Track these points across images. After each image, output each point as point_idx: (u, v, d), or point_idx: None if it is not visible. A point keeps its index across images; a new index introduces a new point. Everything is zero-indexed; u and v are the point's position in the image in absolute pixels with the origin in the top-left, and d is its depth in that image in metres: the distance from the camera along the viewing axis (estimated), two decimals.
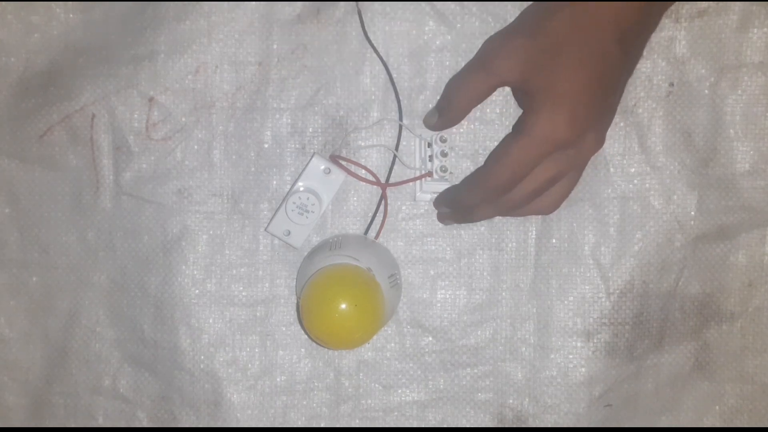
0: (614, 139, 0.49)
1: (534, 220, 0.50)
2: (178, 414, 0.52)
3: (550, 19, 0.40)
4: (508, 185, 0.43)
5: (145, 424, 0.52)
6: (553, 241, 0.50)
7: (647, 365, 0.51)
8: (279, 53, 0.49)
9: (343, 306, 0.43)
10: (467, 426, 0.52)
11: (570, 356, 0.50)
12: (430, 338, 0.51)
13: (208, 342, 0.51)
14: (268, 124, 0.50)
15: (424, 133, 0.49)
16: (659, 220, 0.50)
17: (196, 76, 0.49)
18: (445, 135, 0.48)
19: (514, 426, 0.51)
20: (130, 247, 0.51)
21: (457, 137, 0.49)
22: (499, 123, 0.49)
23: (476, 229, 0.50)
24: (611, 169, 0.49)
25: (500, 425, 0.51)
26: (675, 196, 0.49)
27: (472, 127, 0.49)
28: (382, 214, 0.50)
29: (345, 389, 0.51)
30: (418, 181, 0.49)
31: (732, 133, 0.49)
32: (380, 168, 0.50)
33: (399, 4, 0.48)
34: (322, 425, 0.52)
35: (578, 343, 0.50)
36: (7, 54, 0.50)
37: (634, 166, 0.49)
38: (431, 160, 0.49)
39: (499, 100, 0.49)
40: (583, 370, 0.50)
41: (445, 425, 0.52)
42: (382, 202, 0.50)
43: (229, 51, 0.49)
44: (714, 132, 0.49)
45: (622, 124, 0.49)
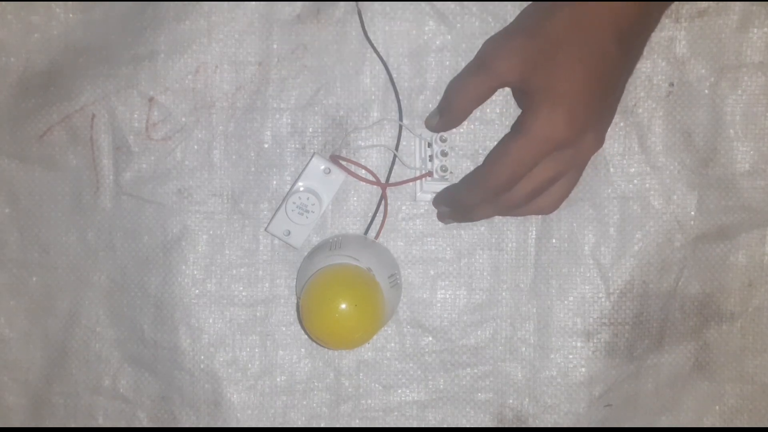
0: (614, 139, 0.49)
1: (534, 220, 0.50)
2: (178, 414, 0.52)
3: (549, 18, 0.40)
4: (507, 185, 0.43)
5: (145, 424, 0.52)
6: (553, 241, 0.50)
7: (647, 365, 0.51)
8: (279, 53, 0.49)
9: (343, 306, 0.43)
10: (467, 426, 0.52)
11: (570, 356, 0.50)
12: (430, 338, 0.51)
13: (208, 342, 0.51)
14: (268, 124, 0.50)
15: (424, 133, 0.49)
16: (659, 220, 0.50)
17: (196, 76, 0.49)
18: (445, 135, 0.48)
19: (514, 426, 0.51)
20: (130, 247, 0.51)
21: (457, 137, 0.49)
22: (499, 123, 0.49)
23: (476, 229, 0.50)
24: (611, 169, 0.49)
25: (500, 425, 0.51)
26: (675, 196, 0.49)
27: (472, 127, 0.49)
28: (382, 214, 0.50)
29: (345, 389, 0.51)
30: (419, 181, 0.49)
31: (732, 133, 0.49)
32: (380, 168, 0.50)
33: (399, 4, 0.48)
34: (322, 425, 0.52)
35: (578, 343, 0.50)
36: (7, 54, 0.50)
37: (634, 166, 0.49)
38: (431, 160, 0.49)
39: (499, 100, 0.49)
40: (583, 370, 0.50)
41: (445, 425, 0.52)
42: (382, 202, 0.50)
43: (229, 51, 0.49)
44: (714, 132, 0.49)
45: (622, 124, 0.49)
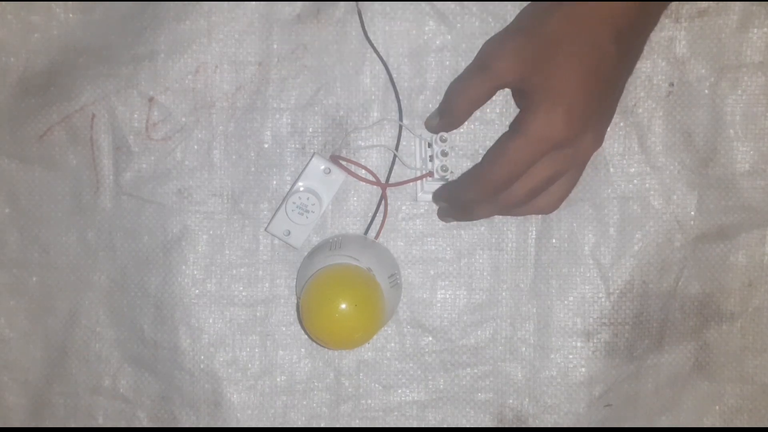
0: (614, 139, 0.49)
1: (534, 220, 0.50)
2: (178, 414, 0.52)
3: (547, 18, 0.41)
4: (505, 184, 0.43)
5: (145, 424, 0.52)
6: (553, 241, 0.50)
7: (647, 365, 0.51)
8: (279, 53, 0.49)
9: (343, 306, 0.43)
10: (467, 426, 0.52)
11: (570, 356, 0.50)
12: (430, 338, 0.51)
13: (208, 342, 0.51)
14: (268, 124, 0.50)
15: (424, 133, 0.49)
16: (659, 220, 0.50)
17: (196, 76, 0.49)
18: (445, 135, 0.48)
19: (514, 426, 0.51)
20: (130, 247, 0.51)
21: (457, 137, 0.49)
22: (499, 123, 0.49)
23: (476, 229, 0.50)
24: (611, 169, 0.49)
25: (500, 425, 0.51)
26: (675, 196, 0.49)
27: (472, 127, 0.49)
28: (382, 214, 0.50)
29: (345, 389, 0.51)
30: (419, 181, 0.49)
31: (732, 133, 0.49)
32: (380, 168, 0.50)
33: (399, 4, 0.48)
34: (322, 425, 0.52)
35: (578, 343, 0.50)
36: (7, 54, 0.50)
37: (634, 166, 0.49)
38: (432, 160, 0.49)
39: (499, 100, 0.49)
40: (583, 370, 0.50)
41: (445, 425, 0.52)
42: (382, 202, 0.50)
43: (229, 51, 0.49)
44: (714, 132, 0.49)
45: (622, 124, 0.49)
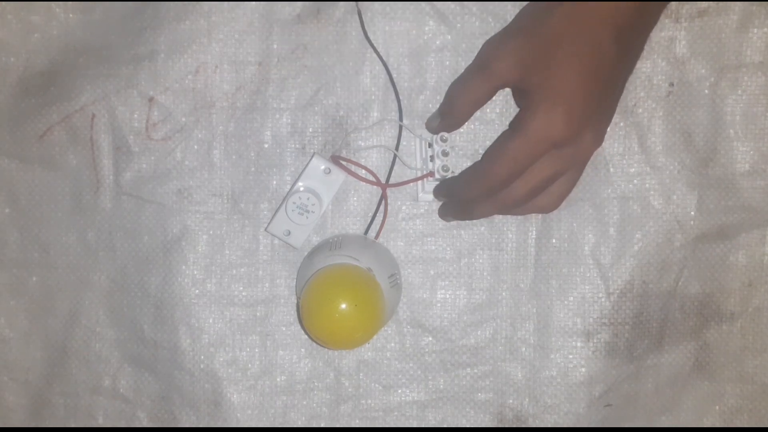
0: (614, 139, 0.49)
1: (534, 220, 0.50)
2: (178, 414, 0.52)
3: (547, 17, 0.41)
4: (505, 182, 0.43)
5: (145, 424, 0.52)
6: (553, 241, 0.50)
7: (647, 365, 0.51)
8: (279, 53, 0.49)
9: (343, 306, 0.43)
10: (467, 426, 0.52)
11: (570, 356, 0.50)
12: (430, 338, 0.51)
13: (208, 342, 0.51)
14: (268, 124, 0.50)
15: (425, 134, 0.49)
16: (659, 220, 0.50)
17: (196, 76, 0.49)
18: (446, 135, 0.48)
19: (514, 426, 0.51)
20: (130, 247, 0.51)
21: (458, 137, 0.49)
22: (499, 123, 0.49)
23: (476, 229, 0.50)
24: (611, 169, 0.49)
25: (500, 425, 0.51)
26: (675, 196, 0.49)
27: (473, 127, 0.49)
28: (382, 214, 0.50)
29: (345, 389, 0.51)
30: (420, 182, 0.49)
31: (732, 133, 0.49)
32: (380, 168, 0.50)
33: (399, 4, 0.48)
34: (322, 425, 0.52)
35: (578, 343, 0.50)
36: (7, 54, 0.50)
37: (634, 166, 0.49)
38: (432, 160, 0.48)
39: (499, 100, 0.49)
40: (583, 370, 0.50)
41: (445, 425, 0.52)
42: (382, 202, 0.50)
43: (229, 51, 0.49)
44: (714, 132, 0.49)
45: (622, 124, 0.49)
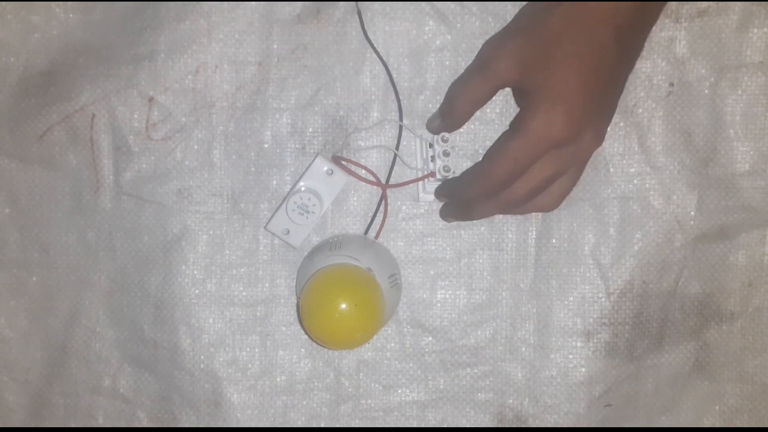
0: (614, 139, 0.49)
1: (534, 220, 0.50)
2: (178, 414, 0.52)
3: (546, 17, 0.41)
4: (506, 183, 0.43)
5: (145, 424, 0.52)
6: (553, 241, 0.50)
7: (647, 365, 0.51)
8: (279, 53, 0.49)
9: (343, 306, 0.43)
10: (467, 426, 0.52)
11: (570, 356, 0.50)
12: (430, 338, 0.51)
13: (208, 342, 0.51)
14: (268, 124, 0.50)
15: (425, 134, 0.49)
16: (659, 220, 0.50)
17: (196, 76, 0.49)
18: (446, 135, 0.48)
19: (514, 426, 0.51)
20: (130, 247, 0.51)
21: (458, 137, 0.49)
22: (499, 123, 0.49)
23: (476, 229, 0.50)
24: (611, 169, 0.49)
25: (500, 425, 0.51)
26: (675, 196, 0.49)
27: (473, 127, 0.49)
28: (382, 214, 0.50)
29: (345, 389, 0.51)
30: (421, 182, 0.49)
31: (732, 133, 0.49)
32: (381, 168, 0.50)
33: (399, 4, 0.48)
34: (322, 425, 0.52)
35: (578, 343, 0.50)
36: (7, 54, 0.50)
37: (634, 166, 0.49)
38: (433, 161, 0.48)
39: (499, 100, 0.49)
40: (583, 370, 0.50)
41: (445, 425, 0.52)
42: (383, 202, 0.50)
43: (229, 51, 0.49)
44: (714, 132, 0.49)
45: (622, 124, 0.49)
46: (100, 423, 0.52)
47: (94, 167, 0.50)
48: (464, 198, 0.46)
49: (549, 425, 0.51)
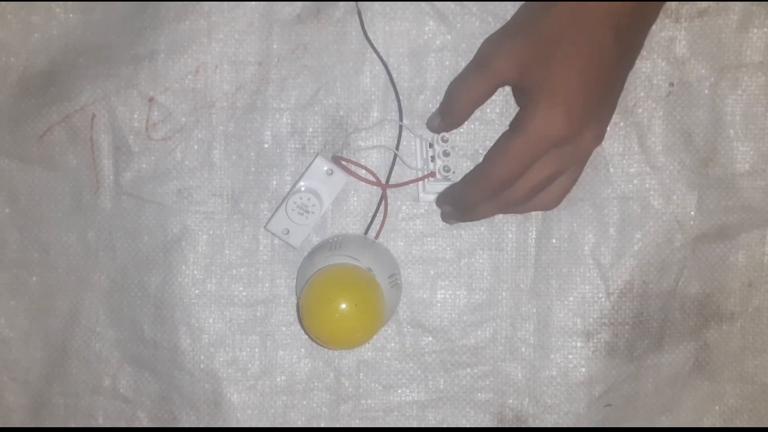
0: (614, 139, 0.49)
1: (534, 219, 0.50)
2: (178, 414, 0.52)
3: (546, 16, 0.41)
4: (506, 183, 0.43)
5: (145, 424, 0.52)
6: (553, 241, 0.50)
7: (647, 365, 0.51)
8: (279, 53, 0.49)
9: (343, 306, 0.43)
10: (467, 426, 0.52)
11: (570, 356, 0.50)
12: (430, 338, 0.51)
13: (208, 342, 0.51)
14: (268, 124, 0.50)
15: (425, 134, 0.49)
16: (659, 220, 0.50)
17: (196, 76, 0.49)
18: (446, 135, 0.48)
19: (514, 426, 0.51)
20: (130, 247, 0.51)
21: (458, 137, 0.49)
22: (499, 123, 0.49)
23: (476, 229, 0.50)
24: (611, 169, 0.49)
25: (500, 425, 0.51)
26: (675, 196, 0.49)
27: (472, 127, 0.49)
28: (382, 214, 0.50)
29: (345, 389, 0.51)
30: (421, 182, 0.49)
31: (732, 133, 0.49)
32: (381, 168, 0.50)
33: (399, 4, 0.48)
34: (322, 425, 0.52)
35: (578, 343, 0.50)
36: (7, 54, 0.50)
37: (634, 166, 0.49)
38: (433, 161, 0.48)
39: (499, 100, 0.49)
40: (583, 370, 0.50)
41: (445, 425, 0.52)
42: (383, 202, 0.50)
43: (229, 51, 0.49)
44: (714, 132, 0.49)
45: (621, 124, 0.49)
46: (100, 423, 0.52)
47: (94, 167, 0.50)
48: (467, 203, 0.46)
49: (549, 425, 0.51)
